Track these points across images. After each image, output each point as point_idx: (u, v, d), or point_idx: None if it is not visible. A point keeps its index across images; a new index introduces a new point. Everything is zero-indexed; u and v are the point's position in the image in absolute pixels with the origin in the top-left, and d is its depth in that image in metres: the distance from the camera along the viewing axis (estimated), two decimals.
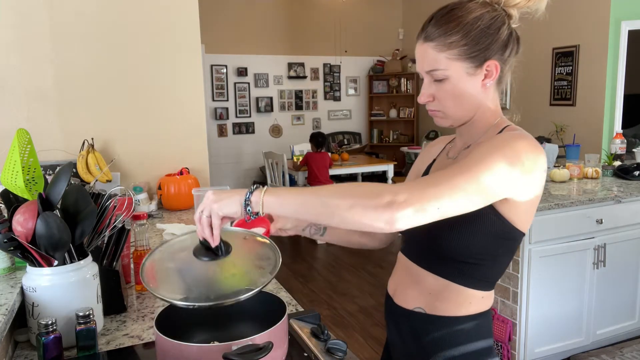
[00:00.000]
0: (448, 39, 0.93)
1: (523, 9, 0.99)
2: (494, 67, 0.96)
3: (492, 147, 0.88)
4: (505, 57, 0.98)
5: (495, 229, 0.94)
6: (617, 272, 2.78)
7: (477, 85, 0.97)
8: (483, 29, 0.94)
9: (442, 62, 0.94)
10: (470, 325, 1.01)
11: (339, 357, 1.03)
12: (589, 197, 2.61)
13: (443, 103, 0.98)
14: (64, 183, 1.16)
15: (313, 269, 4.50)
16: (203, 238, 0.91)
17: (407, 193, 0.81)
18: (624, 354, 2.79)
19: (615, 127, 4.56)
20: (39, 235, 1.09)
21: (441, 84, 0.96)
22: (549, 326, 2.63)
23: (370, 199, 0.81)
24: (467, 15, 0.94)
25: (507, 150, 0.88)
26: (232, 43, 7.16)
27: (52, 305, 1.12)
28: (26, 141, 1.20)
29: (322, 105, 7.91)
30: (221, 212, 0.87)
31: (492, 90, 1.00)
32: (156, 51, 2.60)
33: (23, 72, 2.38)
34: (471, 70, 0.95)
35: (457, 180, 0.84)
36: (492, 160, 0.86)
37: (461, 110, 0.99)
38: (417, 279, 1.06)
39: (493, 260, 1.00)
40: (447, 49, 0.94)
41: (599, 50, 4.60)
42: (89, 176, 2.36)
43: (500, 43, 0.96)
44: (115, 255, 1.35)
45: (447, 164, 1.07)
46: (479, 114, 1.00)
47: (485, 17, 0.94)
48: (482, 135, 1.01)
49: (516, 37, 0.99)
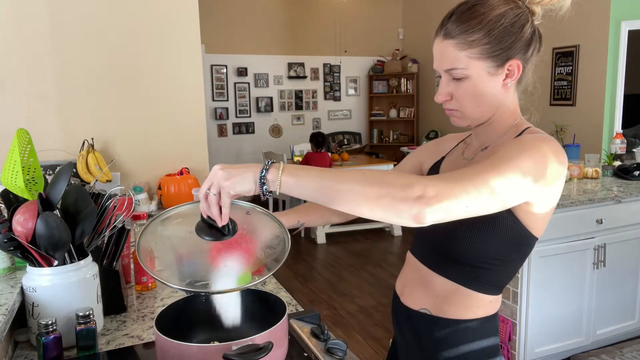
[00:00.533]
0: (470, 37, 0.89)
1: (547, 6, 0.95)
2: (516, 67, 0.93)
3: (520, 148, 0.85)
4: (528, 56, 0.94)
5: (511, 233, 0.92)
6: (617, 272, 2.79)
7: (497, 85, 0.93)
8: (506, 27, 0.89)
9: (463, 60, 0.90)
10: (476, 327, 1.00)
11: (339, 357, 1.03)
12: (589, 197, 2.61)
13: (461, 102, 0.94)
14: (64, 183, 1.16)
15: (313, 269, 4.50)
16: (207, 216, 0.85)
17: (438, 187, 0.75)
18: (624, 354, 2.79)
19: (615, 127, 4.56)
20: (39, 235, 1.09)
21: (460, 82, 0.93)
22: (549, 326, 2.63)
23: (400, 190, 0.75)
24: (490, 12, 0.90)
25: (534, 153, 0.85)
26: (232, 43, 7.17)
27: (52, 305, 1.12)
28: (26, 141, 1.20)
29: (322, 105, 7.92)
30: (233, 190, 0.80)
31: (512, 90, 0.97)
32: (156, 51, 2.60)
33: (23, 72, 2.38)
34: (492, 69, 0.92)
35: (488, 178, 0.79)
36: (521, 160, 0.83)
37: (480, 110, 0.95)
38: (425, 281, 1.04)
39: (505, 265, 0.97)
40: (469, 47, 0.90)
41: (599, 50, 4.60)
42: (89, 176, 2.35)
43: (524, 42, 0.92)
44: (115, 255, 1.34)
45: (462, 164, 1.03)
46: (497, 114, 0.97)
47: (509, 14, 0.90)
48: (501, 136, 0.99)
49: (539, 35, 0.95)
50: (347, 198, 0.77)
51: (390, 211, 0.76)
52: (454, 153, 1.11)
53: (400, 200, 0.75)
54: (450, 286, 0.99)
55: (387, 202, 0.75)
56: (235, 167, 0.81)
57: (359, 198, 0.76)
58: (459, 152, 1.10)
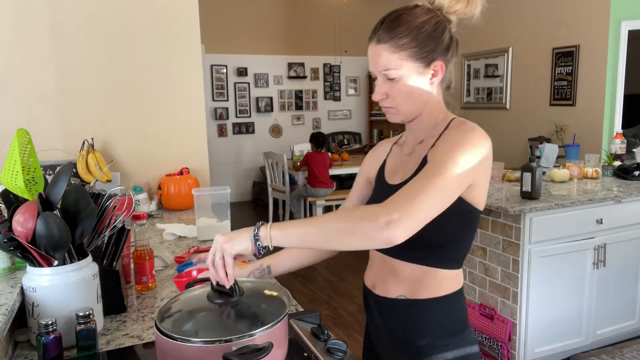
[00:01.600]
0: (399, 41, 1.03)
1: (461, 15, 1.09)
2: (440, 67, 1.07)
3: (451, 145, 1.00)
4: (449, 58, 1.08)
5: (460, 212, 1.04)
6: (617, 272, 2.79)
7: (426, 83, 1.07)
8: (430, 33, 1.04)
9: (395, 62, 1.04)
10: (449, 301, 1.11)
11: (339, 357, 1.03)
12: (589, 197, 2.61)
13: (396, 100, 1.08)
14: (64, 183, 1.16)
15: (313, 269, 4.50)
16: (217, 283, 0.96)
17: (398, 210, 0.89)
18: (624, 354, 2.79)
19: (615, 127, 4.56)
20: (39, 235, 1.09)
21: (394, 82, 1.06)
22: (549, 326, 2.63)
23: (368, 222, 0.88)
24: (414, 20, 1.04)
25: (465, 144, 0.99)
26: (232, 43, 7.17)
27: (52, 305, 1.12)
28: (26, 141, 1.20)
29: (322, 105, 7.92)
30: (233, 250, 0.93)
31: (437, 87, 1.11)
32: (156, 51, 2.61)
33: (23, 72, 2.38)
34: (421, 69, 1.05)
35: (436, 184, 0.93)
36: (455, 156, 0.97)
37: (412, 106, 1.08)
38: (394, 271, 1.13)
39: (460, 240, 1.11)
40: (399, 50, 1.03)
41: (599, 50, 4.60)
42: (89, 176, 2.36)
43: (444, 45, 1.06)
44: (115, 255, 1.34)
45: (404, 160, 1.17)
46: (427, 109, 1.10)
47: (431, 22, 1.04)
48: (432, 129, 1.12)
49: (456, 40, 1.09)
50: (326, 237, 0.92)
51: (364, 240, 0.89)
52: (393, 154, 1.23)
53: (371, 230, 0.88)
54: (419, 270, 1.10)
55: (360, 234, 0.89)
56: (234, 232, 0.96)
57: (335, 236, 0.91)
58: (396, 152, 1.23)
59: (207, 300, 0.97)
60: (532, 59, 5.36)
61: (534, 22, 5.29)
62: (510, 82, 5.71)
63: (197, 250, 1.84)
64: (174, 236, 2.04)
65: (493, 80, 5.95)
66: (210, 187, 2.62)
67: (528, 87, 5.46)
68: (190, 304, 1.00)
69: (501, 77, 5.81)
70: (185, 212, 2.50)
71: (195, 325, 0.94)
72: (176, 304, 0.99)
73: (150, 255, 1.47)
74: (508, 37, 5.64)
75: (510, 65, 5.67)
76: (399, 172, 1.16)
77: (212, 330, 0.91)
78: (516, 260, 2.53)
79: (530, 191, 2.53)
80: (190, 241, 1.98)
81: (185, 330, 0.90)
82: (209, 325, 0.94)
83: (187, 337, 0.85)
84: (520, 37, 5.48)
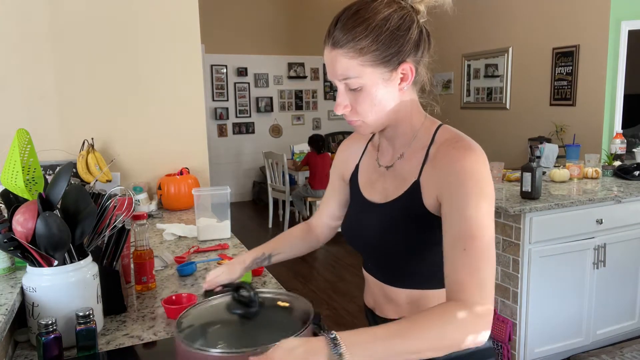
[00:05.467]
0: (358, 45, 0.87)
1: (430, 3, 0.93)
2: (409, 70, 0.91)
3: (470, 192, 0.87)
4: (419, 57, 0.93)
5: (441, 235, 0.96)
6: (617, 272, 2.78)
7: (394, 90, 0.92)
8: (393, 31, 0.87)
9: (355, 69, 0.88)
10: None
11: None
12: (589, 197, 2.61)
13: (361, 113, 0.93)
14: (64, 183, 1.16)
15: (313, 269, 4.50)
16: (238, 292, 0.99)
17: (481, 301, 0.82)
18: (624, 354, 2.79)
19: (615, 127, 4.56)
20: (39, 235, 1.09)
21: (357, 92, 0.91)
22: (549, 326, 2.63)
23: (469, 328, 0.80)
24: (374, 17, 0.87)
25: (482, 186, 0.88)
26: (232, 43, 7.17)
27: (52, 305, 1.12)
28: (26, 141, 1.20)
29: (322, 105, 7.91)
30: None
31: (409, 92, 0.97)
32: (156, 51, 2.61)
33: (23, 72, 2.38)
34: (386, 75, 0.90)
35: (489, 257, 0.87)
36: (481, 208, 0.87)
37: (381, 117, 0.94)
38: (391, 297, 1.07)
39: None
40: (359, 55, 0.87)
41: (599, 50, 4.60)
42: (89, 176, 2.36)
43: (412, 43, 0.90)
44: (115, 255, 1.34)
45: (382, 173, 1.05)
46: (400, 117, 0.97)
47: (394, 17, 0.88)
48: (413, 140, 0.99)
49: (427, 33, 0.94)
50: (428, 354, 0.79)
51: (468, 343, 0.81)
52: (367, 159, 1.12)
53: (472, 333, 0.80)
54: (416, 294, 1.03)
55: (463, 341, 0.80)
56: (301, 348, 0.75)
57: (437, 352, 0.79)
58: (372, 158, 1.10)
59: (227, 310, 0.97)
60: (532, 58, 5.36)
61: (534, 22, 5.29)
62: (510, 82, 5.71)
63: (197, 251, 1.84)
64: (174, 236, 2.04)
65: (493, 80, 5.95)
66: (210, 187, 2.62)
67: (528, 87, 5.46)
68: (210, 314, 0.99)
69: (501, 77, 5.81)
70: (185, 212, 2.50)
71: (216, 336, 0.92)
72: (195, 312, 0.98)
73: (150, 255, 1.47)
74: (508, 37, 5.64)
75: (510, 65, 5.67)
76: (377, 187, 1.05)
77: (236, 340, 0.90)
78: (516, 260, 2.53)
79: (530, 191, 2.54)
80: (190, 241, 1.99)
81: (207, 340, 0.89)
82: (232, 335, 0.93)
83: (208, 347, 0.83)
84: (520, 37, 5.48)
